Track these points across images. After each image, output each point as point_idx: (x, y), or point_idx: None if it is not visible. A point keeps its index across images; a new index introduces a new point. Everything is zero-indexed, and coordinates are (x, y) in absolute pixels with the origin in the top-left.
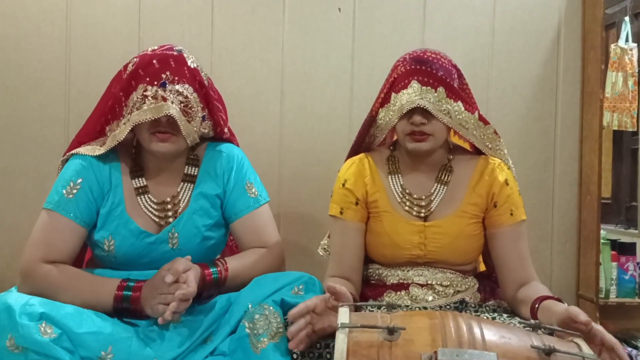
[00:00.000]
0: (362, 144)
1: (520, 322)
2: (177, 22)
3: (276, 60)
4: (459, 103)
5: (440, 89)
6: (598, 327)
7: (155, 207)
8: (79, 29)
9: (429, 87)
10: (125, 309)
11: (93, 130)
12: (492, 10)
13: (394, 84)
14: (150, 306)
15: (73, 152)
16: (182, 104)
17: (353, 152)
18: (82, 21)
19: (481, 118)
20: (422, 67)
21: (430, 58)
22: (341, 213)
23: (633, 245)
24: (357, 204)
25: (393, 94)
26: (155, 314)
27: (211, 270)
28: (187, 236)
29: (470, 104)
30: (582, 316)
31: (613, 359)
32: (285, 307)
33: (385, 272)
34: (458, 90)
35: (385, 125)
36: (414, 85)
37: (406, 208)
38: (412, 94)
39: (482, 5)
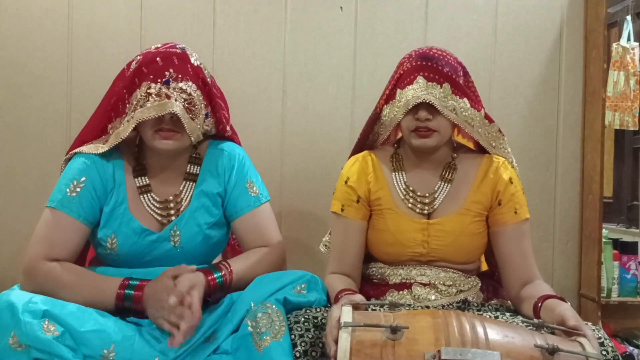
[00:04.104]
0: (365, 142)
1: (523, 321)
2: (179, 21)
3: (278, 59)
4: (465, 100)
5: (446, 85)
6: (584, 328)
7: (157, 205)
8: (81, 28)
9: (434, 83)
10: (127, 308)
11: (96, 129)
12: (494, 10)
13: (400, 80)
14: (153, 317)
15: (76, 150)
16: (185, 102)
17: (357, 149)
18: (84, 20)
19: (487, 116)
20: (428, 63)
21: (436, 55)
22: (342, 210)
23: (635, 244)
24: (358, 201)
25: (398, 90)
26: (158, 325)
27: (215, 275)
28: (189, 234)
29: (476, 102)
30: (572, 321)
31: None
32: (287, 305)
33: (388, 271)
34: (464, 87)
35: (390, 122)
36: (420, 80)
37: (409, 205)
38: (417, 90)
39: (485, 4)
